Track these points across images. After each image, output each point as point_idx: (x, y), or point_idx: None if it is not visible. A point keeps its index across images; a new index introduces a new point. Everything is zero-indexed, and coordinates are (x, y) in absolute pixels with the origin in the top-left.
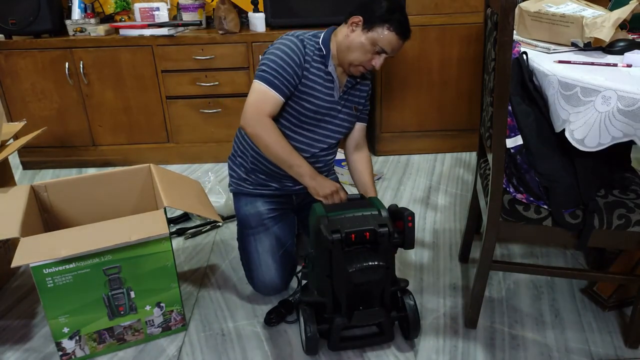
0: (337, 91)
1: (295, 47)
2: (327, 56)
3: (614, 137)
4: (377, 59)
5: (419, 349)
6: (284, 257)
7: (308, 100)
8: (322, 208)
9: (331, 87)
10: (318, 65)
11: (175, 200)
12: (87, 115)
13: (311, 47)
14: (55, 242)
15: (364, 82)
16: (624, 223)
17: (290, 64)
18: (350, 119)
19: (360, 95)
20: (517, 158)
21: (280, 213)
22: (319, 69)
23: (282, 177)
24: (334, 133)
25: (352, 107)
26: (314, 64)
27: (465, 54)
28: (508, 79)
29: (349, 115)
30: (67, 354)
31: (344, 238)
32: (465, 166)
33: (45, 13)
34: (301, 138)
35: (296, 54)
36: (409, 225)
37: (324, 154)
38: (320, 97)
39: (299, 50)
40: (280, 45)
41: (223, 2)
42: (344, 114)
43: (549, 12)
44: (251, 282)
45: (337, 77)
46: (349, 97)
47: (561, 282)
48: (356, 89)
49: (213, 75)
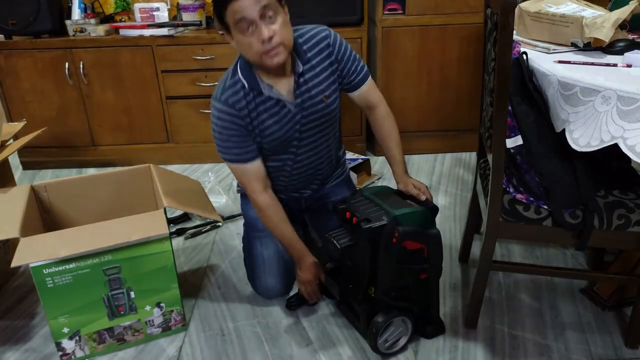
0: (289, 104)
1: (223, 114)
2: (255, 83)
3: (613, 137)
4: (258, 33)
5: (419, 349)
6: (289, 262)
7: (268, 137)
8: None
9: (281, 107)
10: (257, 101)
11: (175, 200)
12: (87, 116)
13: (237, 97)
14: (55, 242)
15: (313, 63)
16: (624, 223)
17: (231, 133)
18: (325, 112)
19: (321, 79)
20: (517, 158)
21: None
22: (259, 102)
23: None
24: (317, 134)
25: (320, 100)
26: (252, 103)
27: (465, 54)
28: (508, 79)
29: (321, 110)
30: (67, 354)
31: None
32: (465, 166)
33: (45, 13)
34: (291, 162)
35: (227, 122)
36: (392, 240)
37: (320, 157)
38: (277, 127)
39: (227, 114)
40: (214, 120)
41: None
42: (311, 115)
43: (549, 12)
44: (253, 285)
45: (278, 92)
46: (307, 93)
47: (561, 282)
48: (310, 79)
49: (213, 76)
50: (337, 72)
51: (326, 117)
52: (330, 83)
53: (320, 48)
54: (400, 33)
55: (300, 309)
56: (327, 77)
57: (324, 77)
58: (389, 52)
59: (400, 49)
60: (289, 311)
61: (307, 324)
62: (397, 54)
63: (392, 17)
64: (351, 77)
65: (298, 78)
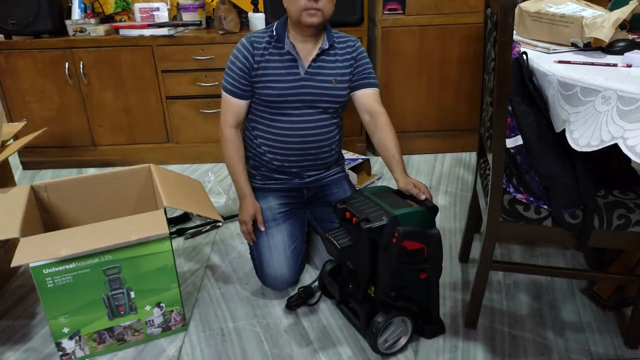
0: (301, 67)
1: (241, 47)
2: (282, 37)
3: (614, 137)
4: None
5: (419, 349)
6: (295, 252)
7: (269, 86)
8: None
9: (293, 65)
10: (274, 51)
11: (175, 200)
12: (87, 116)
13: (261, 40)
14: (55, 242)
15: (337, 50)
16: (624, 223)
17: (237, 65)
18: (331, 93)
19: (338, 65)
20: (517, 158)
21: (291, 208)
22: (276, 53)
23: (284, 172)
24: (314, 109)
25: (329, 80)
26: (270, 50)
27: (465, 54)
28: (508, 79)
29: (328, 89)
30: (67, 354)
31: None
32: (465, 166)
33: (45, 13)
34: (282, 124)
35: (242, 54)
36: (392, 240)
37: (319, 135)
38: (282, 80)
39: (245, 49)
40: (233, 51)
41: (223, 2)
42: (317, 89)
43: (549, 12)
44: (261, 277)
45: (297, 52)
46: (322, 69)
47: (561, 282)
48: (329, 58)
49: (213, 75)
50: (352, 67)
51: (331, 99)
52: (344, 72)
53: (347, 44)
54: (400, 33)
55: (300, 309)
56: (343, 67)
57: (341, 65)
58: (389, 52)
59: (400, 49)
60: (289, 311)
61: (307, 324)
62: (397, 54)
63: (392, 17)
64: (361, 76)
65: (320, 52)
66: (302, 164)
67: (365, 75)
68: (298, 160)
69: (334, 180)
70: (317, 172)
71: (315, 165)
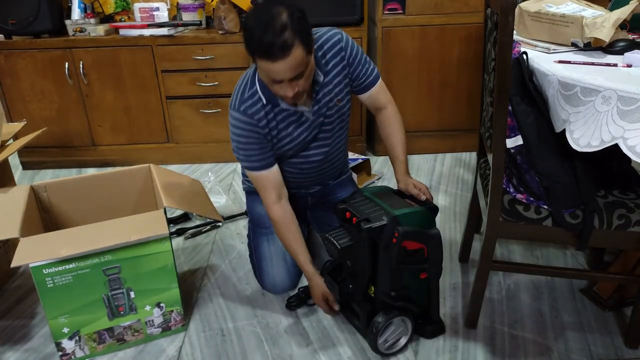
0: (307, 113)
1: (245, 124)
2: (273, 99)
3: (614, 137)
4: (283, 88)
5: (419, 349)
6: None
7: (285, 144)
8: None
9: (298, 116)
10: (274, 112)
11: (175, 200)
12: (87, 115)
13: (257, 109)
14: (55, 242)
15: (330, 67)
16: (624, 223)
17: (251, 142)
18: (339, 113)
19: (335, 83)
20: (517, 158)
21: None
22: (277, 113)
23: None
24: (332, 135)
25: (333, 105)
26: (270, 114)
27: (465, 54)
28: (508, 79)
29: (336, 113)
30: (67, 354)
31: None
32: (465, 166)
33: (45, 13)
34: (297, 159)
35: (250, 131)
36: (392, 240)
37: (332, 154)
38: (295, 136)
39: (250, 125)
40: (234, 130)
41: (223, 2)
42: (328, 118)
43: (549, 12)
44: (260, 281)
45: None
46: (324, 100)
47: (561, 282)
48: (326, 85)
49: (213, 75)
50: (349, 75)
51: (340, 118)
52: (343, 87)
53: (334, 52)
54: (400, 33)
55: (300, 309)
56: (340, 81)
57: (338, 82)
58: (389, 52)
59: (400, 48)
60: (289, 311)
61: (307, 324)
62: (397, 54)
63: (392, 17)
64: (361, 80)
65: (318, 88)
66: (315, 180)
67: (363, 76)
68: (312, 179)
69: (339, 182)
70: (326, 182)
71: (327, 176)
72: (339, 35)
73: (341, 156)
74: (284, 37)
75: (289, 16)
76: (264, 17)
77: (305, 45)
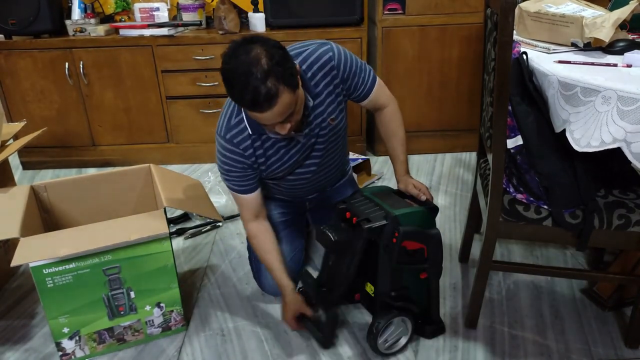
0: (298, 136)
1: (230, 153)
2: (260, 130)
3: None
4: (276, 128)
5: (419, 349)
6: (294, 261)
7: (276, 168)
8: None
9: (288, 140)
10: (262, 140)
11: (175, 200)
12: (87, 115)
13: (243, 138)
14: (55, 242)
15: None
16: (624, 223)
17: (236, 172)
18: (333, 131)
19: (328, 103)
20: (517, 158)
21: (291, 217)
22: (265, 140)
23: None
24: (326, 152)
25: (326, 125)
26: (258, 141)
27: (465, 54)
28: (508, 79)
29: (330, 132)
30: (67, 354)
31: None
32: (465, 166)
33: (45, 13)
34: (293, 177)
35: (235, 160)
36: (393, 241)
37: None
38: (285, 159)
39: (236, 154)
40: (219, 157)
41: (223, 2)
42: (321, 137)
43: (549, 12)
44: (259, 283)
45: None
46: (316, 121)
47: (561, 282)
48: (318, 106)
49: (213, 75)
50: (343, 92)
51: (335, 135)
52: (336, 105)
53: (325, 72)
54: (400, 33)
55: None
56: (333, 100)
57: (330, 101)
58: (389, 52)
59: (400, 48)
60: None
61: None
62: (397, 54)
63: (392, 17)
64: (359, 90)
65: (309, 113)
66: (311, 190)
67: (361, 86)
68: (307, 190)
69: (337, 187)
70: (324, 189)
71: (324, 185)
72: (330, 53)
73: (338, 164)
74: (267, 87)
75: (268, 59)
76: (243, 68)
77: (291, 87)
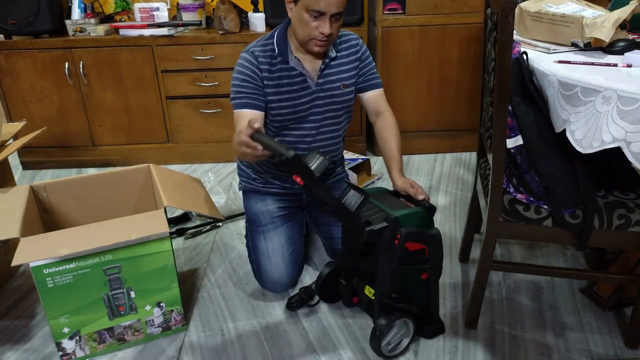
0: (311, 80)
1: (245, 62)
2: (285, 52)
3: (615, 137)
4: (321, 25)
5: (419, 349)
6: (293, 255)
7: (282, 105)
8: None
9: (302, 80)
10: (280, 67)
11: (175, 200)
12: (87, 115)
13: (265, 55)
14: (55, 241)
15: (342, 54)
16: (624, 223)
17: (247, 80)
18: (341, 99)
19: (344, 69)
20: (517, 158)
21: (290, 212)
22: (282, 69)
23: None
24: (327, 120)
25: (338, 87)
26: (276, 66)
27: (465, 54)
28: (508, 79)
29: (338, 97)
30: (67, 354)
31: None
32: (465, 166)
33: (45, 13)
34: (292, 138)
35: (249, 69)
36: (395, 242)
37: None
38: (293, 97)
39: (250, 63)
40: (236, 68)
41: (223, 2)
42: (328, 98)
43: (549, 12)
44: (259, 279)
45: (304, 67)
46: (330, 77)
47: (561, 282)
48: (335, 66)
49: (213, 75)
50: (357, 68)
51: (340, 104)
52: (351, 75)
53: (350, 45)
54: (400, 33)
55: (300, 309)
56: (350, 70)
57: (348, 69)
58: (389, 52)
59: (400, 48)
60: (289, 311)
61: (307, 324)
62: (397, 54)
63: (392, 17)
64: (367, 77)
65: (328, 61)
66: None
67: (370, 76)
68: None
69: (334, 182)
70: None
71: None
72: (357, 38)
73: (333, 143)
74: None
75: None
76: None
77: None
